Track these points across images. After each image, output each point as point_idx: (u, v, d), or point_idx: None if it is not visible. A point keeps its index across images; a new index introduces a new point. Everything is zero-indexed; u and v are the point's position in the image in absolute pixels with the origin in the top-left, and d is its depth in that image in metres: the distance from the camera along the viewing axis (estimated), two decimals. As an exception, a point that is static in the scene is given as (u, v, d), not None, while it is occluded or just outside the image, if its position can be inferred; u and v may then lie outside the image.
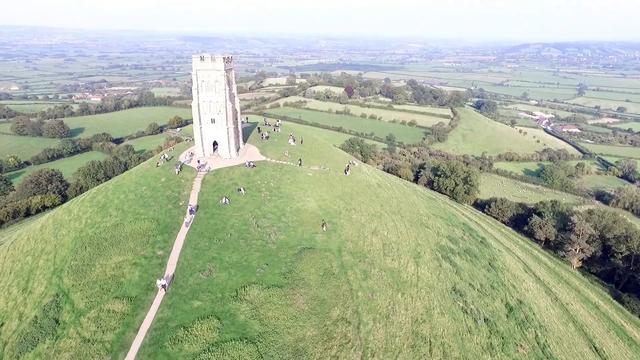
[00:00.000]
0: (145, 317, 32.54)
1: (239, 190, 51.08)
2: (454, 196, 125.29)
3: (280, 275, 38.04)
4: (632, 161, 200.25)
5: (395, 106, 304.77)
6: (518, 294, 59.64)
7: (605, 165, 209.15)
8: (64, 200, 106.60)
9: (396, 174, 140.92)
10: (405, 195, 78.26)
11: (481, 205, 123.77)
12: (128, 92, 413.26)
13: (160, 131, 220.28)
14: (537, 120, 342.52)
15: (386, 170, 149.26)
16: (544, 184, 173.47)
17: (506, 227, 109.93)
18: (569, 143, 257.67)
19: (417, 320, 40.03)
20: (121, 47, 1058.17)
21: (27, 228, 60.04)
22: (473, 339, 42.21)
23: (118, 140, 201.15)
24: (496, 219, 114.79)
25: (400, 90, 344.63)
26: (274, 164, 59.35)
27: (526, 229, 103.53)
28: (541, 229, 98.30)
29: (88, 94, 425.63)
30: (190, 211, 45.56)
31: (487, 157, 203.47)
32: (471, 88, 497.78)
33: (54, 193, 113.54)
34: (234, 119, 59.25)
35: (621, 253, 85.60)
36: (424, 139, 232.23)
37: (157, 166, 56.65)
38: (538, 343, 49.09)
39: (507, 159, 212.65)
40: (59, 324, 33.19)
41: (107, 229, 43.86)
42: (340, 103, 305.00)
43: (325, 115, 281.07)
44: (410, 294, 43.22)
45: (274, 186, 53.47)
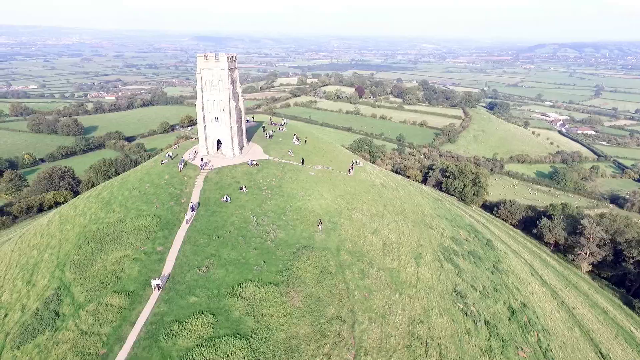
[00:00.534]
0: (141, 312, 33.07)
1: (241, 188, 51.47)
2: (462, 197, 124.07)
3: (277, 273, 38.26)
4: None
5: (406, 106, 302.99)
6: (522, 296, 58.82)
7: (621, 168, 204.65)
8: (75, 196, 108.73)
9: (404, 175, 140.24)
10: (410, 196, 77.82)
11: (490, 207, 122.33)
12: (142, 91, 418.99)
13: (172, 130, 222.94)
14: (552, 121, 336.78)
15: (395, 170, 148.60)
16: (556, 187, 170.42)
17: (515, 230, 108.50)
18: (583, 145, 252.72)
19: (414, 320, 39.82)
20: (136, 47, 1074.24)
21: (35, 223, 61.54)
22: (471, 340, 41.82)
23: (130, 139, 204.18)
24: (505, 221, 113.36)
25: (411, 91, 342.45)
26: (277, 162, 59.66)
27: (535, 231, 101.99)
28: (550, 231, 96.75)
29: (103, 92, 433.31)
30: (192, 208, 46.09)
31: (499, 159, 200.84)
32: (484, 89, 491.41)
33: (66, 189, 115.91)
34: (238, 117, 59.73)
35: (633, 258, 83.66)
36: (435, 139, 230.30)
37: (162, 164, 57.44)
38: (540, 347, 48.39)
39: (519, 161, 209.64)
40: (59, 317, 33.96)
41: (110, 225, 44.67)
42: (351, 103, 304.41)
43: (336, 115, 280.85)
44: (408, 294, 43.00)
45: (275, 185, 53.75)
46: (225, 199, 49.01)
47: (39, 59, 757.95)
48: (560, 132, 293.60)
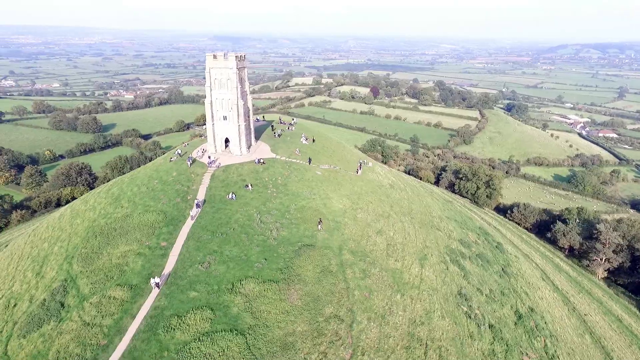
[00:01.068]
0: (143, 305, 33.73)
1: (247, 186, 51.94)
2: (475, 200, 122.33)
3: (277, 270, 38.49)
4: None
5: (421, 107, 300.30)
6: (530, 301, 57.69)
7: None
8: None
9: (417, 176, 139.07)
10: (418, 197, 77.15)
11: (503, 210, 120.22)
12: (160, 90, 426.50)
13: (187, 128, 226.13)
14: (572, 124, 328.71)
15: (407, 171, 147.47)
16: (574, 190, 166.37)
17: (528, 233, 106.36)
18: (604, 148, 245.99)
19: (415, 322, 39.50)
20: (155, 47, 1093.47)
21: (49, 217, 63.38)
22: (474, 344, 41.24)
23: (146, 137, 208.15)
24: (518, 224, 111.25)
25: (427, 91, 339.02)
26: (284, 161, 59.98)
27: (549, 235, 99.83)
28: (565, 236, 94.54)
29: (122, 91, 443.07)
30: (197, 205, 46.73)
31: (515, 161, 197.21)
32: (502, 90, 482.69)
33: (83, 185, 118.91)
34: (246, 116, 60.27)
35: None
36: (449, 141, 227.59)
37: (171, 161, 58.41)
38: (546, 353, 47.37)
39: (536, 164, 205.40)
40: (64, 308, 34.93)
41: (117, 220, 45.67)
42: (365, 103, 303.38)
43: (349, 115, 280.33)
44: (410, 296, 42.68)
45: (281, 183, 54.07)
46: (230, 196, 49.55)
47: (62, 58, 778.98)
48: (580, 135, 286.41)
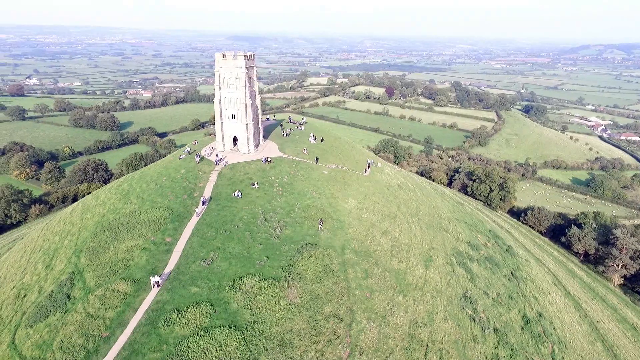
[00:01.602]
0: (145, 299, 34.35)
1: (253, 184, 52.34)
2: (488, 202, 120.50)
3: (278, 268, 38.69)
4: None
5: (437, 108, 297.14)
6: (539, 306, 56.48)
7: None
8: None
9: (429, 177, 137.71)
10: (428, 198, 76.38)
11: (517, 213, 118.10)
12: (177, 89, 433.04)
13: (202, 127, 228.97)
14: (592, 126, 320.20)
15: (420, 173, 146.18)
16: (592, 195, 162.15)
17: (542, 237, 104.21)
18: (626, 152, 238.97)
19: (417, 323, 39.14)
20: (174, 46, 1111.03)
21: (62, 211, 65.07)
22: (477, 347, 40.64)
23: (162, 135, 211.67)
24: (532, 228, 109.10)
25: (442, 92, 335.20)
26: (291, 160, 60.20)
27: (564, 240, 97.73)
28: (580, 241, 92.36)
29: (141, 90, 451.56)
30: (203, 202, 47.33)
31: (531, 164, 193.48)
32: (521, 91, 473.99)
33: (99, 182, 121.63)
34: (254, 115, 60.71)
35: (669, 272, 78.45)
36: (464, 142, 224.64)
37: (180, 159, 59.31)
38: (554, 359, 46.32)
39: (554, 167, 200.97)
40: (70, 299, 35.85)
41: (125, 215, 46.61)
42: (380, 104, 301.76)
43: (363, 115, 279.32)
44: (413, 297, 42.32)
45: (287, 182, 54.29)
46: (236, 194, 50.01)
47: (84, 57, 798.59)
48: (601, 138, 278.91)
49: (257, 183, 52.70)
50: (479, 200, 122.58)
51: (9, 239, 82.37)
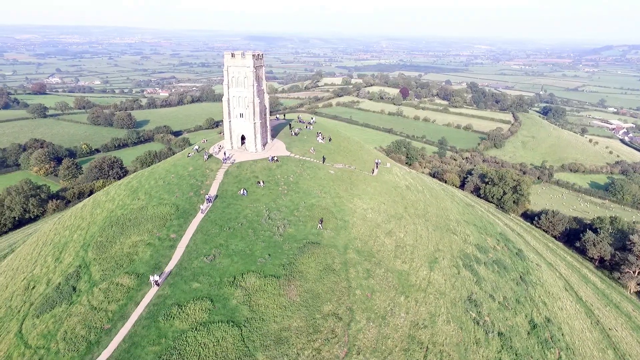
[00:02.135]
0: (147, 293, 34.99)
1: (259, 183, 52.72)
2: (501, 205, 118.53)
3: (279, 266, 38.89)
4: None
5: (452, 109, 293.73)
6: (548, 311, 55.36)
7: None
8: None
9: (441, 179, 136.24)
10: (437, 200, 75.60)
11: (531, 217, 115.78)
12: (193, 88, 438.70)
13: (216, 125, 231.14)
14: (613, 129, 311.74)
15: (432, 174, 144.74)
16: (611, 199, 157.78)
17: (556, 242, 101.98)
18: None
19: (417, 324, 38.83)
20: (191, 46, 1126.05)
21: (74, 206, 66.73)
22: (479, 351, 40.09)
23: (177, 133, 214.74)
24: (546, 232, 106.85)
25: (458, 93, 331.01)
26: (297, 159, 60.40)
27: (578, 245, 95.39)
28: (595, 246, 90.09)
29: (158, 89, 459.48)
30: (208, 200, 47.88)
31: (548, 167, 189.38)
32: (540, 93, 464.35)
33: (114, 178, 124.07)
34: (262, 114, 61.13)
35: (688, 280, 75.83)
36: (479, 144, 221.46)
37: (188, 156, 60.14)
38: (560, 366, 45.36)
39: (572, 170, 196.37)
40: (75, 292, 36.78)
41: (133, 211, 47.53)
42: (394, 104, 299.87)
43: (377, 116, 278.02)
44: (415, 298, 41.99)
45: (292, 181, 54.51)
46: (242, 192, 50.45)
47: (104, 57, 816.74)
48: (622, 141, 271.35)
49: (263, 181, 53.07)
50: (491, 202, 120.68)
51: (26, 232, 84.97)
